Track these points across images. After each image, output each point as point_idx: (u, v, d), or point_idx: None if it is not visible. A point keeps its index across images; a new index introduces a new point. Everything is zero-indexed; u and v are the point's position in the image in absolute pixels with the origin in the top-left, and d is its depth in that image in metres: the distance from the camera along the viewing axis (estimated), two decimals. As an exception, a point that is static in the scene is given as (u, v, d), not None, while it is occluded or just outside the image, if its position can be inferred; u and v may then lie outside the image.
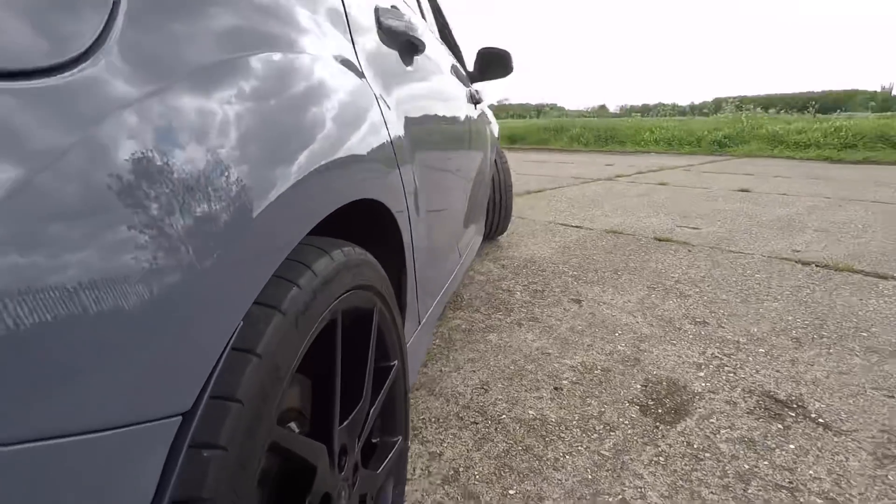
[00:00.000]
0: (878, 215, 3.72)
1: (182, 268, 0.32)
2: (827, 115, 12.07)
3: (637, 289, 2.23)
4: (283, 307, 0.43)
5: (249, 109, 0.42)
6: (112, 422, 0.28)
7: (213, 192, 0.35)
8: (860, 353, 1.62)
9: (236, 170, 0.38)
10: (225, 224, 0.36)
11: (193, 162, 0.34)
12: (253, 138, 0.41)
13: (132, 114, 0.31)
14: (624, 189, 5.16)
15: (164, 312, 0.31)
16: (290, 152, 0.47)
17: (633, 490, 1.05)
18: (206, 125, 0.36)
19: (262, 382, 0.40)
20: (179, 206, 0.32)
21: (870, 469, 1.10)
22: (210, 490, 0.34)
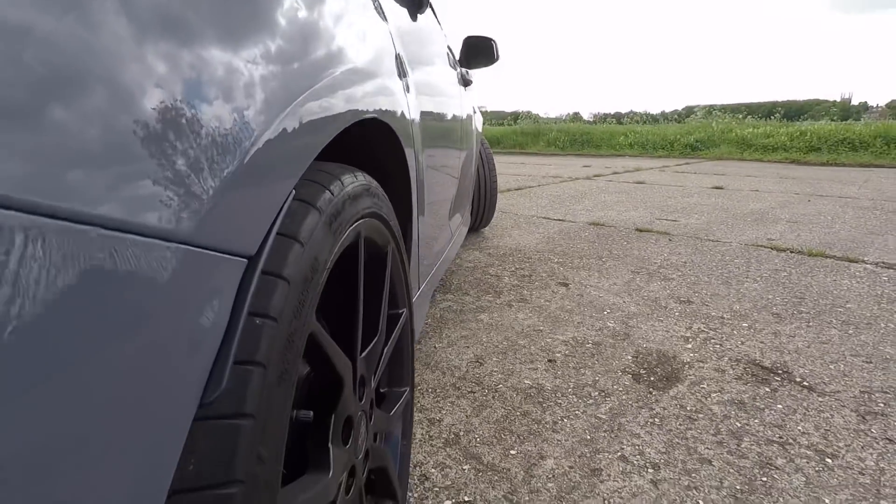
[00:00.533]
0: (845, 209, 3.88)
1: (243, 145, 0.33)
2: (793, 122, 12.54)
3: (622, 273, 2.27)
4: (318, 205, 0.43)
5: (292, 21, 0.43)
6: (203, 242, 0.30)
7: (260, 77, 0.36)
8: (837, 326, 1.68)
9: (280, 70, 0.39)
10: (270, 110, 0.37)
11: (236, 66, 0.35)
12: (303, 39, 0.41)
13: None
14: (603, 186, 5.26)
15: (239, 171, 0.32)
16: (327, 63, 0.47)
17: (631, 448, 1.07)
18: (263, 30, 0.37)
19: (303, 268, 0.40)
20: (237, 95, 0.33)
21: (854, 424, 1.15)
22: (276, 310, 0.36)
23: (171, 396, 0.28)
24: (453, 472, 1.00)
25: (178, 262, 0.27)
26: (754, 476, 0.98)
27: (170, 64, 0.28)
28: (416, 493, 0.94)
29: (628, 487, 0.95)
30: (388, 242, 0.69)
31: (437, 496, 0.93)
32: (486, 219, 3.02)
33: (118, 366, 0.25)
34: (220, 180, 0.30)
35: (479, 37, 2.28)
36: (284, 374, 0.36)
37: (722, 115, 12.26)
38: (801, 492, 0.94)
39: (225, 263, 0.32)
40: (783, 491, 0.94)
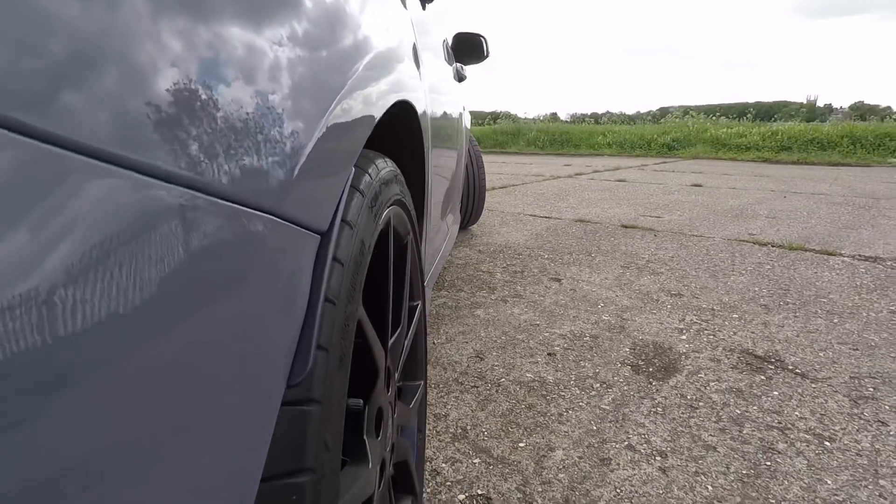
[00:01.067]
0: (819, 205, 4.01)
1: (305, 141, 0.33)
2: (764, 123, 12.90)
3: (612, 268, 2.30)
4: (361, 188, 0.43)
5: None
6: (286, 214, 0.30)
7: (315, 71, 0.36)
8: (823, 315, 1.73)
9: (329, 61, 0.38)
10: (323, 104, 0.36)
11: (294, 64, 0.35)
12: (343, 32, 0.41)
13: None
14: (585, 185, 5.32)
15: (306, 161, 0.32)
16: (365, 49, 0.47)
17: (637, 437, 1.08)
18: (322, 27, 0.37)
19: (355, 251, 0.39)
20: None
21: (847, 408, 1.18)
22: (334, 293, 0.36)
23: (265, 377, 0.27)
24: (464, 466, 0.99)
25: (267, 233, 0.27)
26: (758, 461, 1.00)
27: (269, 64, 0.29)
28: (429, 487, 0.93)
29: (638, 475, 0.96)
30: (409, 233, 0.69)
31: (449, 490, 0.93)
32: (475, 216, 3.03)
33: (219, 341, 0.24)
34: (301, 157, 0.30)
35: (470, 33, 2.28)
36: (343, 360, 0.35)
37: (697, 116, 12.55)
38: (804, 474, 0.96)
39: (305, 239, 0.32)
40: (787, 474, 0.96)
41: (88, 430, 0.18)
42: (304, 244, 0.32)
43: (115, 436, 0.19)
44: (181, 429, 0.22)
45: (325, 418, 0.32)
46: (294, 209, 0.29)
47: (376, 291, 0.54)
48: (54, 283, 0.17)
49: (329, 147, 0.34)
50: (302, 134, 0.30)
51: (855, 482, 0.94)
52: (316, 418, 0.31)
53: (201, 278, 0.22)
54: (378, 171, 0.48)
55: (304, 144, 0.31)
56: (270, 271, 0.27)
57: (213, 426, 0.24)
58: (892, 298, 1.90)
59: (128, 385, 0.20)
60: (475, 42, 2.29)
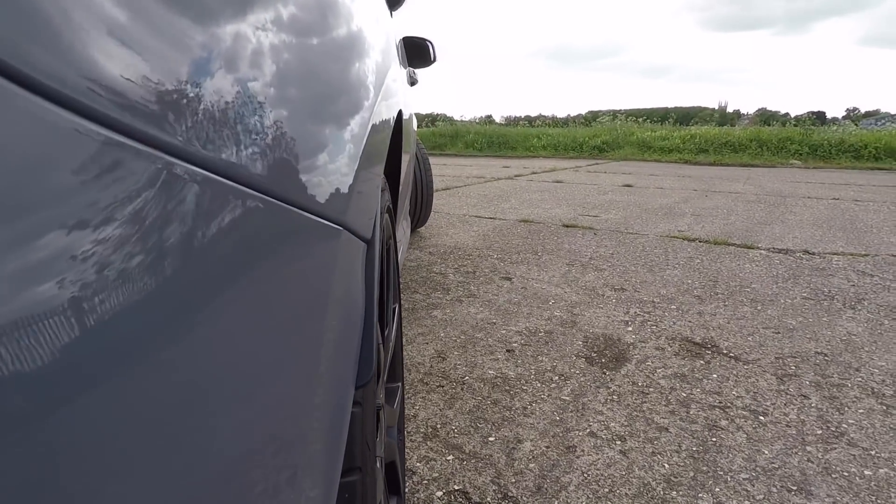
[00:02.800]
0: (736, 203, 4.37)
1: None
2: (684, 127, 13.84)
3: (558, 266, 2.40)
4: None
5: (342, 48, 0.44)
6: (348, 224, 0.31)
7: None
8: (748, 304, 1.91)
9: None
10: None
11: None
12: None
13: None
14: (525, 186, 5.49)
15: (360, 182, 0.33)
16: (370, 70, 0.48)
17: (598, 424, 1.15)
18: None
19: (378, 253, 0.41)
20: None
21: (775, 385, 1.32)
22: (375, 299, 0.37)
23: (341, 381, 0.28)
24: (438, 463, 1.02)
25: (335, 242, 0.28)
26: (705, 437, 1.10)
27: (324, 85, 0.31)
28: (407, 487, 0.95)
29: (602, 459, 1.03)
30: (391, 237, 0.70)
31: (427, 488, 0.95)
32: (423, 218, 3.05)
33: (302, 347, 0.25)
34: (355, 166, 0.31)
35: (417, 38, 2.31)
36: (380, 357, 0.37)
37: (624, 120, 13.27)
38: (744, 446, 1.07)
39: (359, 247, 0.33)
40: (731, 448, 1.06)
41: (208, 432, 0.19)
42: (357, 251, 0.33)
43: (222, 440, 0.20)
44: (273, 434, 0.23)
45: (366, 419, 0.34)
46: (353, 219, 0.31)
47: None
48: (153, 293, 0.17)
49: (370, 156, 0.36)
50: (354, 146, 0.32)
51: (787, 450, 1.06)
52: (359, 419, 0.32)
53: (281, 284, 0.23)
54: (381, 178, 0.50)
55: (356, 155, 0.32)
56: (339, 277, 0.29)
57: (301, 429, 0.25)
58: (803, 286, 2.12)
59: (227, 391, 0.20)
60: (422, 47, 2.32)
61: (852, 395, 1.27)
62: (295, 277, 0.24)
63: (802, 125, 10.92)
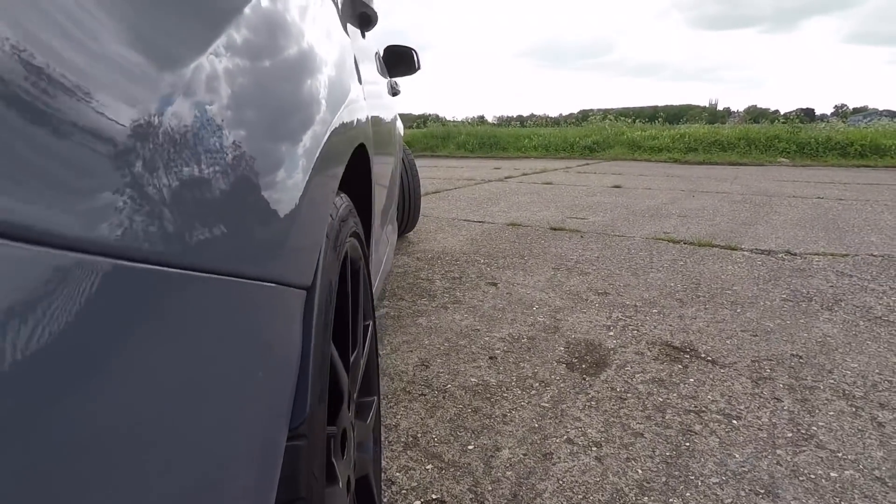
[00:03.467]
0: (722, 203, 4.42)
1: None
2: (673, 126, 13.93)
3: (544, 270, 2.43)
4: (328, 233, 0.46)
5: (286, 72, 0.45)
6: (277, 278, 0.32)
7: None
8: (728, 306, 1.94)
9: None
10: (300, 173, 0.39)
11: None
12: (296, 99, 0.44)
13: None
14: (515, 188, 5.52)
15: (290, 213, 0.34)
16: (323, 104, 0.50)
17: (575, 430, 1.17)
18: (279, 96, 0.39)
19: (325, 292, 0.42)
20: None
21: (750, 389, 1.35)
22: (319, 339, 0.38)
23: (272, 426, 0.30)
24: (417, 473, 1.04)
25: (263, 297, 0.29)
26: (679, 442, 1.12)
27: (252, 125, 0.31)
28: (386, 497, 0.97)
29: (578, 466, 1.05)
30: (361, 258, 0.72)
31: (405, 498, 0.97)
32: (411, 223, 3.07)
33: (226, 401, 0.26)
34: (287, 219, 0.33)
35: (401, 46, 2.32)
36: (322, 394, 0.39)
37: (614, 120, 13.34)
38: (716, 451, 1.09)
39: (294, 296, 0.34)
40: (703, 452, 1.09)
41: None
42: (294, 300, 0.35)
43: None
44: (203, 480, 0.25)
45: (312, 450, 0.35)
46: (285, 271, 0.32)
47: (339, 321, 0.58)
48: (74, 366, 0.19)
49: (311, 200, 0.37)
50: (288, 193, 0.33)
51: (757, 454, 1.09)
52: (306, 451, 0.35)
53: (197, 349, 0.25)
54: (337, 210, 0.52)
55: (292, 203, 0.33)
56: (267, 333, 0.30)
57: (232, 474, 0.27)
58: (783, 288, 2.16)
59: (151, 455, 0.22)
60: (406, 55, 2.33)
61: (824, 397, 1.31)
62: (215, 337, 0.25)
63: (790, 123, 11.03)
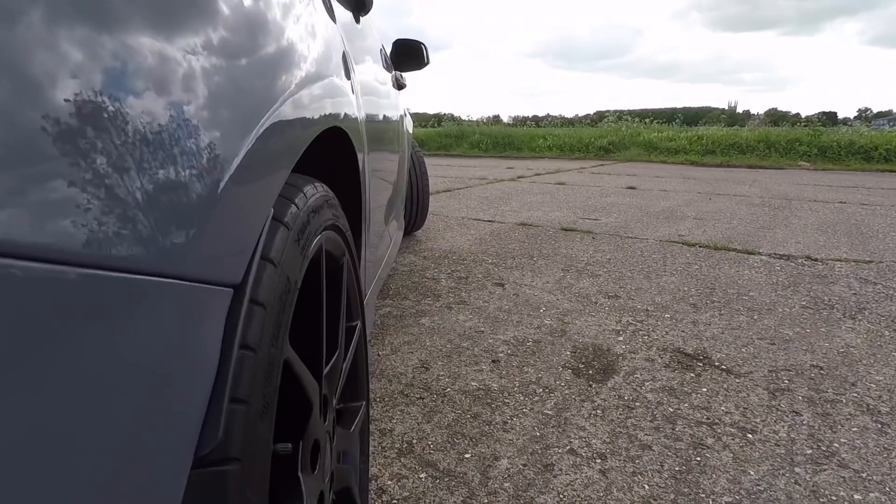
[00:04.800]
0: (739, 206, 4.30)
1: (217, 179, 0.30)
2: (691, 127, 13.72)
3: (553, 271, 2.36)
4: (286, 221, 0.41)
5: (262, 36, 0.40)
6: (197, 276, 0.28)
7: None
8: (745, 312, 1.86)
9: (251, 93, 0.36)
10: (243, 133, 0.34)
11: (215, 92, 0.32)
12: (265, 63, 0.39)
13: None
14: (527, 188, 5.45)
15: (216, 205, 0.29)
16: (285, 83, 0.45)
17: (578, 440, 1.11)
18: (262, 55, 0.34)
19: (278, 290, 0.37)
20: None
21: (766, 401, 1.27)
22: (255, 340, 0.34)
23: (168, 449, 0.25)
24: (410, 481, 0.98)
25: (165, 298, 0.24)
26: (689, 457, 1.06)
27: (172, 86, 0.26)
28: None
29: (580, 479, 0.99)
30: (344, 253, 0.67)
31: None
32: (419, 222, 3.02)
33: (114, 417, 0.22)
34: (203, 206, 0.28)
35: (409, 40, 2.28)
36: (266, 409, 0.34)
37: (630, 121, 13.17)
38: (730, 467, 1.02)
39: (213, 295, 0.29)
40: (715, 468, 1.02)
41: None
42: (214, 300, 0.30)
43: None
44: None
45: (246, 474, 0.30)
46: (199, 270, 0.28)
47: (309, 321, 0.53)
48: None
49: (244, 192, 0.32)
50: (209, 182, 0.28)
51: (774, 471, 1.01)
52: (235, 476, 0.29)
53: (86, 352, 0.20)
54: (306, 199, 0.47)
55: (211, 197, 0.28)
56: (169, 336, 0.25)
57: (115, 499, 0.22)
58: (802, 294, 2.07)
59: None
60: (415, 49, 2.28)
61: (846, 411, 1.23)
62: (88, 342, 0.21)
63: (812, 126, 10.77)
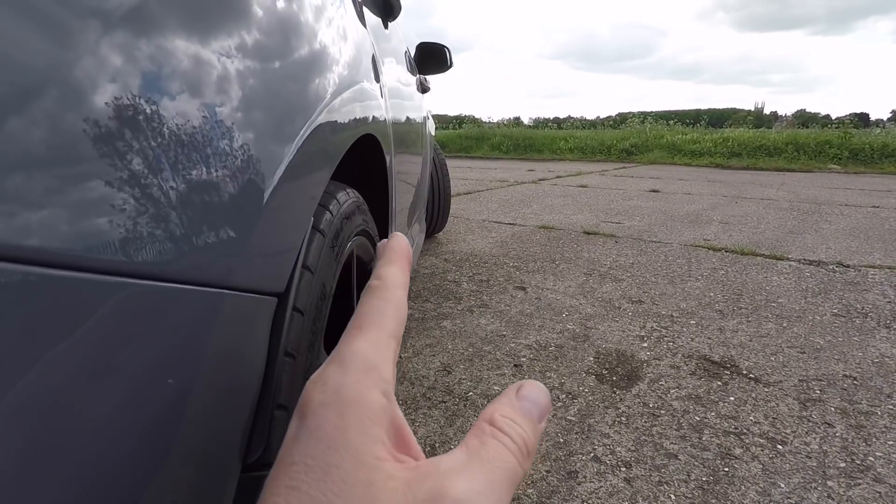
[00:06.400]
0: (767, 210, 4.21)
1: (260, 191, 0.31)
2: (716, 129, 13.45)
3: (575, 275, 2.34)
4: (322, 228, 0.42)
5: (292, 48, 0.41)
6: (246, 286, 0.29)
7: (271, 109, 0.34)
8: (773, 320, 1.82)
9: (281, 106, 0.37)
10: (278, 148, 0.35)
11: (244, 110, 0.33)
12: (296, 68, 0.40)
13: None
14: (548, 190, 5.41)
15: (261, 217, 0.30)
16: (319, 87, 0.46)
17: (602, 448, 1.10)
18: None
19: (315, 297, 0.38)
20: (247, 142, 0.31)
21: (797, 411, 1.24)
22: (295, 346, 0.35)
23: (220, 457, 0.26)
24: (433, 484, 0.99)
25: (217, 308, 0.25)
26: (717, 467, 1.04)
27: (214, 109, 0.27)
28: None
29: (604, 487, 0.98)
30: (373, 258, 0.68)
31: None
32: (440, 224, 3.03)
33: (172, 425, 0.22)
34: (252, 216, 0.28)
35: (433, 44, 2.29)
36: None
37: (654, 122, 12.97)
38: (759, 479, 1.00)
39: (260, 304, 0.30)
40: (744, 479, 1.00)
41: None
42: (261, 309, 0.31)
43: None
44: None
45: None
46: (247, 279, 0.28)
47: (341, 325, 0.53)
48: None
49: (288, 202, 0.33)
50: (255, 193, 0.29)
51: (806, 484, 0.99)
52: None
53: (147, 361, 0.21)
54: (340, 206, 0.48)
55: (258, 206, 0.29)
56: (219, 346, 0.26)
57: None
58: (834, 301, 2.01)
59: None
60: (438, 52, 2.30)
61: (882, 424, 1.19)
62: (138, 351, 0.21)
63: (843, 127, 10.47)
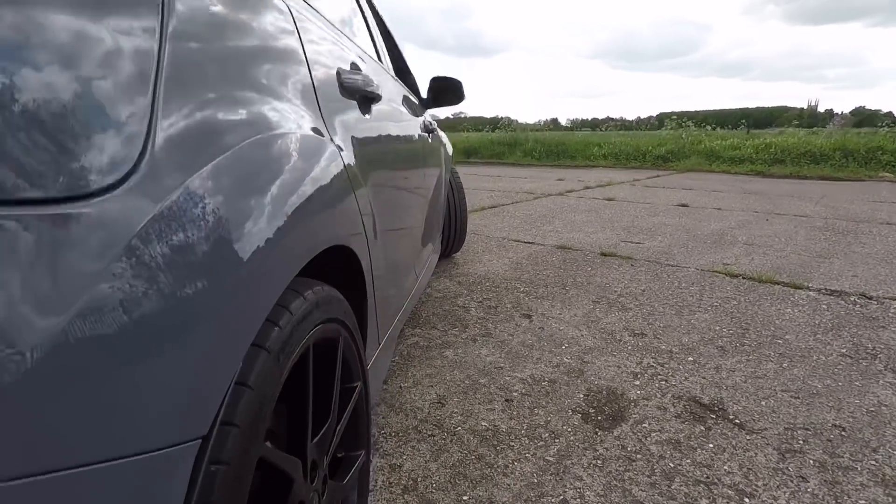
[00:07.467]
0: (798, 229, 4.09)
1: (199, 318, 0.41)
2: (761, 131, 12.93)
3: (583, 303, 2.39)
4: (267, 346, 0.52)
5: (238, 180, 0.52)
6: (152, 445, 0.37)
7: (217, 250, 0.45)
8: (774, 359, 1.82)
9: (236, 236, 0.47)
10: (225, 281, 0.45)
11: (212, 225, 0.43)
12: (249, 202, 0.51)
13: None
14: (574, 204, 5.42)
15: (186, 348, 0.40)
16: (270, 213, 0.56)
17: (573, 491, 1.17)
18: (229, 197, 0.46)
19: (253, 409, 0.48)
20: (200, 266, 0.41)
21: (774, 462, 1.27)
22: (227, 456, 0.43)
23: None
24: (409, 520, 1.08)
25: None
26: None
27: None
28: (374, 543, 1.03)
29: (566, 532, 1.05)
30: (340, 335, 0.78)
31: (392, 546, 1.02)
32: (456, 245, 3.12)
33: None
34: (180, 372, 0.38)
35: (447, 78, 2.39)
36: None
37: (692, 128, 12.60)
38: (718, 532, 1.05)
39: (180, 451, 0.40)
40: (703, 532, 1.05)
41: None
42: (181, 455, 0.40)
43: None
44: None
45: None
46: (157, 435, 0.38)
47: (296, 404, 0.64)
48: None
49: (213, 347, 0.43)
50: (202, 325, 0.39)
51: (764, 540, 1.03)
52: None
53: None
54: (291, 315, 0.58)
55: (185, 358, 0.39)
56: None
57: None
58: (844, 340, 1.98)
59: None
60: (453, 85, 2.40)
61: (858, 481, 1.21)
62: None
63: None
